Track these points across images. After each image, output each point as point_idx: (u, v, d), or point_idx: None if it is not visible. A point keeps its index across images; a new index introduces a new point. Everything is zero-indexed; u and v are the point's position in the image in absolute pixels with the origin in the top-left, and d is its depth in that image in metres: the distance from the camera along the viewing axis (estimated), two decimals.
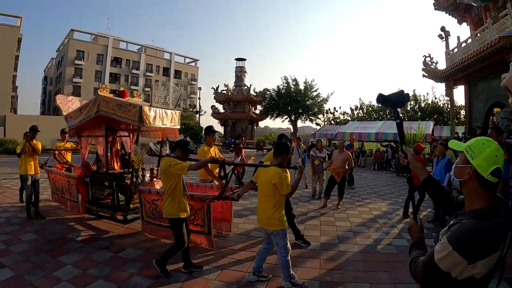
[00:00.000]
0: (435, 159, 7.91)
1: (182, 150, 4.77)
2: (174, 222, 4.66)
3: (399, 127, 2.07)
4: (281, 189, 4.19)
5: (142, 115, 5.76)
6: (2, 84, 45.11)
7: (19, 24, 48.86)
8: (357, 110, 42.77)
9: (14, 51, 48.10)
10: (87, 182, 7.11)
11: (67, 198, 7.69)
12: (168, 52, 74.22)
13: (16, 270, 4.63)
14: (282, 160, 4.44)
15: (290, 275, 4.24)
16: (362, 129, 23.18)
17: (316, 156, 10.49)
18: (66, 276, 4.49)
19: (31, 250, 5.44)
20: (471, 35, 14.88)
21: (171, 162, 4.54)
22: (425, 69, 18.40)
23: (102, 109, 6.27)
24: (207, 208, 5.36)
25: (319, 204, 9.29)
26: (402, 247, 5.85)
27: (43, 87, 75.78)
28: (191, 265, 4.77)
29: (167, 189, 4.66)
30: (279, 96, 44.41)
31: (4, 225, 6.78)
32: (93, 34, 63.22)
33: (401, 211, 8.56)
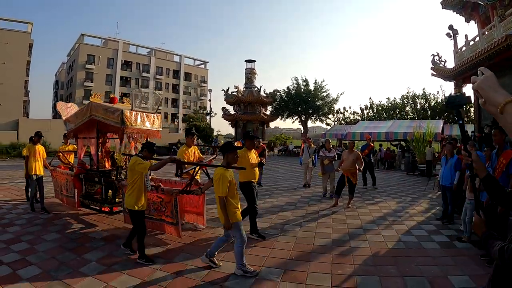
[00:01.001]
0: (443, 158, 7.99)
1: (149, 151, 5.53)
2: (131, 213, 5.36)
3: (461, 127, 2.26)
4: (216, 189, 4.66)
5: (124, 118, 6.57)
6: (14, 89, 45.94)
7: (30, 30, 49.73)
8: (367, 110, 42.71)
9: (26, 57, 48.90)
10: (81, 178, 7.86)
11: (64, 194, 8.61)
12: (178, 55, 74.68)
13: (42, 267, 4.91)
14: (229, 160, 4.89)
15: (242, 264, 4.69)
16: (372, 129, 23.19)
17: (326, 156, 10.71)
18: (92, 272, 4.78)
19: (55, 249, 5.75)
20: (479, 34, 14.86)
21: (136, 160, 5.23)
22: (433, 68, 18.41)
23: (93, 114, 7.15)
24: (174, 201, 5.91)
25: (330, 203, 9.51)
26: (410, 243, 6.07)
27: (55, 91, 76.65)
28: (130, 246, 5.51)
29: (130, 183, 5.31)
30: (289, 97, 44.31)
31: (26, 225, 7.16)
32: (103, 38, 63.81)
33: (410, 210, 8.76)
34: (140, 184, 5.33)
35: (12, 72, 45.41)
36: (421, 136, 18.27)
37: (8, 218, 7.77)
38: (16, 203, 9.29)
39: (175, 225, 6.03)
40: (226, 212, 4.62)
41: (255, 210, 6.46)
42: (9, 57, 45.36)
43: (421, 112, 37.31)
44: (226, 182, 4.64)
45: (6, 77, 44.95)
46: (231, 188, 4.74)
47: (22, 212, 8.37)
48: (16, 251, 5.59)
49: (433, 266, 4.95)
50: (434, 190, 11.76)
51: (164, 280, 4.52)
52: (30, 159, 8.37)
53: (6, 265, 4.97)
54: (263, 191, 11.70)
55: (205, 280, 4.52)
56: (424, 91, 38.84)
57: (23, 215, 8.06)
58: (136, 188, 5.29)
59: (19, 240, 6.14)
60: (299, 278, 4.57)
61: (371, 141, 13.73)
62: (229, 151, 4.92)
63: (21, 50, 47.23)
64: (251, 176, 6.47)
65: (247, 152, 6.46)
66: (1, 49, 45.74)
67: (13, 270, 4.77)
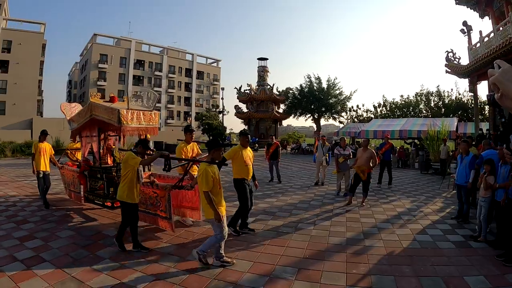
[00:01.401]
0: (459, 156, 7.88)
1: (143, 147, 5.87)
2: (122, 204, 5.72)
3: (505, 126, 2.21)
4: (200, 185, 4.80)
5: (120, 117, 6.79)
6: (28, 89, 46.66)
7: (43, 31, 50.42)
8: (380, 108, 42.23)
9: (39, 57, 49.61)
10: (86, 175, 8.31)
11: (72, 190, 9.06)
12: (190, 54, 74.93)
13: (56, 264, 4.99)
14: (214, 156, 5.04)
15: (203, 251, 4.87)
16: (386, 127, 22.94)
17: (340, 154, 10.65)
18: (105, 269, 4.84)
19: (69, 246, 5.84)
20: (493, 30, 14.65)
21: (130, 155, 5.65)
22: (448, 64, 18.22)
23: (93, 113, 7.50)
24: (168, 196, 6.15)
25: (344, 201, 9.48)
26: (425, 242, 6.02)
27: (68, 91, 77.47)
28: (139, 245, 5.62)
29: (122, 176, 5.65)
30: (302, 95, 44.20)
31: (40, 222, 7.29)
32: (116, 38, 64.38)
33: (425, 209, 8.71)
34: (132, 177, 5.62)
35: (26, 72, 46.11)
36: (435, 134, 18.03)
37: (22, 215, 7.91)
38: (30, 200, 9.46)
39: (168, 220, 6.28)
40: (214, 206, 4.71)
41: (247, 207, 6.60)
42: (23, 57, 46.08)
43: (435, 110, 36.75)
44: (209, 177, 4.75)
45: (20, 77, 45.66)
46: (214, 184, 4.84)
47: (36, 209, 8.50)
48: (30, 248, 5.69)
49: (449, 266, 4.90)
50: (449, 189, 11.63)
51: (178, 278, 4.55)
52: (37, 156, 8.85)
53: (20, 261, 5.06)
54: (277, 189, 11.74)
55: (218, 278, 4.54)
56: (438, 89, 38.29)
57: (37, 212, 8.20)
58: (128, 181, 5.59)
59: (33, 237, 6.24)
60: (313, 277, 4.57)
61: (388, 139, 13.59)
62: (215, 147, 5.05)
63: (35, 50, 47.95)
64: (244, 174, 6.55)
65: (241, 149, 6.57)
66: (15, 49, 46.55)
67: (27, 267, 4.85)
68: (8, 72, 46.19)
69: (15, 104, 45.75)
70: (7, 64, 46.29)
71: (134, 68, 64.62)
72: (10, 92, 45.97)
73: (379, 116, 39.64)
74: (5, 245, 5.78)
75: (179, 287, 4.31)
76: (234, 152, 6.50)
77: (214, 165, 5.02)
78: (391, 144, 13.58)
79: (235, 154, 6.48)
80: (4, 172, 16.26)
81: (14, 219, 7.51)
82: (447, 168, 13.91)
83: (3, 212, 8.15)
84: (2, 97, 45.98)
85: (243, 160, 6.47)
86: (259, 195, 10.49)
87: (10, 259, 5.15)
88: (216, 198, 4.85)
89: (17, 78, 45.73)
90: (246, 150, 6.66)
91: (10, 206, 8.85)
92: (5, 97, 46.04)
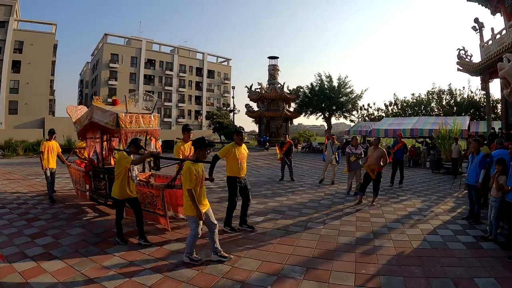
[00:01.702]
0: (470, 155, 7.77)
1: (135, 146, 6.12)
2: (115, 201, 6.01)
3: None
4: (183, 182, 4.90)
5: (119, 121, 7.05)
6: (40, 89, 47.41)
7: (54, 31, 51.11)
8: (391, 106, 41.93)
9: (51, 57, 50.39)
10: (90, 175, 8.59)
11: (78, 188, 9.35)
12: (201, 53, 75.16)
13: (66, 261, 5.06)
14: (198, 155, 5.11)
15: (189, 253, 5.00)
16: (397, 125, 22.76)
17: (352, 152, 10.57)
18: (114, 266, 4.89)
19: (79, 243, 5.91)
20: (505, 27, 14.43)
21: (121, 155, 5.90)
22: (459, 62, 18.02)
23: (93, 117, 7.77)
24: (162, 195, 6.36)
25: (354, 200, 9.43)
26: (435, 243, 5.95)
27: (80, 90, 78.24)
28: (143, 237, 5.90)
29: (116, 175, 5.86)
30: (313, 94, 44.12)
31: (51, 220, 7.39)
32: (127, 37, 64.84)
33: (435, 208, 8.63)
34: (124, 176, 5.83)
35: (38, 72, 46.87)
36: (446, 133, 17.84)
37: (33, 213, 8.01)
38: (41, 198, 9.57)
39: (164, 217, 6.51)
40: (196, 204, 4.78)
41: (234, 204, 6.64)
42: (34, 57, 46.80)
43: (447, 109, 36.37)
44: (192, 175, 4.84)
45: (32, 77, 46.39)
46: (196, 182, 4.91)
47: (47, 207, 8.61)
48: (41, 244, 5.76)
49: (459, 267, 4.84)
50: (460, 188, 11.50)
51: (186, 276, 4.57)
52: (45, 155, 9.23)
53: (31, 258, 5.13)
54: (287, 188, 11.72)
55: (226, 277, 4.54)
56: (450, 87, 37.93)
57: (48, 210, 8.30)
58: (121, 180, 5.82)
59: (43, 235, 6.33)
60: (321, 276, 4.54)
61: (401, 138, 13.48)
62: (200, 147, 5.12)
63: (46, 51, 48.72)
64: (237, 171, 6.58)
65: (235, 147, 6.58)
66: (27, 50, 47.25)
67: (37, 264, 4.91)
68: (20, 72, 46.97)
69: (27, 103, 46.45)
70: (19, 64, 47.03)
71: (145, 68, 65.05)
72: (22, 92, 46.67)
73: (390, 115, 39.37)
74: (16, 242, 5.86)
75: (187, 285, 4.32)
76: (226, 150, 6.53)
77: (198, 163, 5.09)
78: (404, 143, 13.46)
79: (228, 152, 6.52)
80: (16, 170, 16.50)
81: (25, 217, 7.61)
82: (459, 168, 13.76)
83: (14, 210, 8.25)
84: (15, 97, 46.69)
85: (236, 158, 6.51)
86: (269, 194, 10.50)
87: (20, 256, 5.22)
88: (197, 196, 4.89)
89: (29, 78, 46.41)
90: (240, 148, 6.68)
91: (21, 204, 8.95)
92: (17, 97, 46.77)
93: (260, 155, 27.50)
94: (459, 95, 36.92)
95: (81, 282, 4.36)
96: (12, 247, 5.61)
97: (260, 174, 15.67)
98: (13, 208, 8.41)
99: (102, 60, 60.21)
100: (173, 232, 6.52)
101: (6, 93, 45.97)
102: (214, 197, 9.73)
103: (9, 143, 27.49)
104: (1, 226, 6.88)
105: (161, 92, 67.45)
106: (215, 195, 10.13)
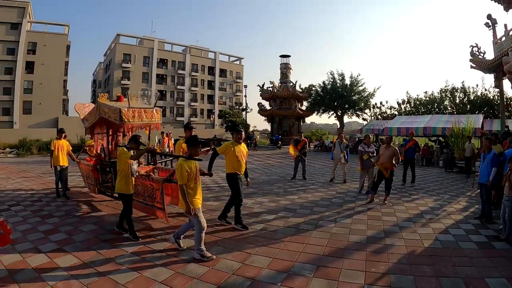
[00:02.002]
0: (482, 154, 7.67)
1: (135, 142, 6.40)
2: (120, 195, 6.28)
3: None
4: (178, 179, 5.10)
5: (122, 115, 7.31)
6: (54, 89, 48.27)
7: (67, 32, 51.89)
8: (404, 104, 41.47)
9: (64, 57, 51.27)
10: (98, 169, 8.97)
11: (89, 182, 9.54)
12: (213, 52, 75.37)
13: (78, 256, 5.16)
14: (191, 152, 5.29)
15: (199, 249, 5.09)
16: (410, 124, 22.55)
17: (365, 151, 10.51)
18: (126, 262, 4.97)
19: (91, 240, 6.01)
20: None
21: (121, 151, 6.24)
22: (472, 59, 17.77)
23: (101, 113, 8.04)
24: (161, 188, 6.47)
25: (366, 199, 9.40)
26: (447, 242, 5.90)
27: (93, 90, 79.05)
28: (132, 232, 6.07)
29: (118, 171, 6.18)
30: (325, 92, 43.99)
31: (64, 217, 7.53)
32: (139, 37, 65.34)
33: (448, 208, 8.55)
34: (127, 171, 6.14)
35: (51, 72, 47.70)
36: (460, 131, 17.63)
37: (47, 210, 8.17)
38: (55, 196, 9.67)
39: (163, 210, 6.57)
40: (186, 199, 4.97)
41: (239, 201, 6.75)
42: (47, 58, 47.64)
43: (460, 107, 35.83)
44: (184, 171, 5.01)
45: (46, 77, 47.18)
46: (189, 178, 5.09)
47: (61, 204, 8.77)
48: (54, 241, 5.89)
49: (470, 267, 4.80)
50: (473, 187, 11.38)
51: (197, 272, 4.61)
52: (55, 153, 9.45)
53: (44, 254, 5.24)
54: (298, 187, 11.71)
55: (237, 274, 4.58)
56: (463, 85, 37.34)
57: (62, 207, 8.45)
58: (124, 175, 6.13)
59: (57, 231, 6.45)
60: (331, 274, 4.55)
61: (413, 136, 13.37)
62: (193, 144, 5.30)
63: (59, 51, 49.61)
64: (237, 168, 6.73)
65: (234, 145, 6.75)
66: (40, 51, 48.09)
67: (50, 259, 5.03)
68: (34, 73, 47.92)
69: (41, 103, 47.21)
70: (32, 65, 47.92)
71: (157, 67, 65.49)
72: (36, 92, 47.52)
73: (403, 113, 39.00)
74: (30, 238, 5.99)
75: (198, 281, 4.36)
76: (226, 147, 6.72)
77: (191, 160, 5.24)
78: (416, 142, 13.33)
79: (227, 149, 6.69)
80: (31, 169, 16.71)
81: (39, 214, 7.76)
82: (472, 166, 13.61)
83: (29, 207, 8.41)
84: (29, 97, 47.57)
85: (235, 155, 6.65)
86: (281, 192, 10.52)
87: (34, 251, 5.35)
88: (192, 191, 5.12)
89: (42, 79, 47.20)
90: (240, 146, 6.83)
91: (36, 201, 9.12)
92: (31, 97, 47.63)
93: (273, 154, 27.54)
94: (473, 93, 36.35)
95: (93, 277, 4.44)
96: (26, 243, 5.73)
97: (272, 173, 15.66)
98: (28, 206, 8.57)
99: (115, 60, 60.77)
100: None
101: (20, 94, 46.85)
102: (209, 196, 9.79)
103: (24, 142, 27.84)
104: (16, 222, 7.02)
105: (173, 92, 67.87)
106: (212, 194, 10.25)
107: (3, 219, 3.43)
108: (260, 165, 19.38)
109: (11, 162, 20.25)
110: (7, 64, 46.60)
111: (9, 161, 20.99)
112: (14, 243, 5.50)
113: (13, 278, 4.36)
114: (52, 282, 4.27)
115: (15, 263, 4.82)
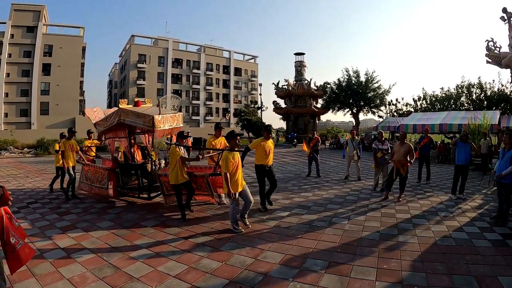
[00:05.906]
0: (501, 150, 7.33)
1: (180, 137, 7.58)
2: (173, 186, 7.27)
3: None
4: (222, 167, 6.11)
5: (155, 122, 7.93)
6: (71, 90, 49.27)
7: (82, 34, 52.71)
8: (420, 101, 40.99)
9: (80, 59, 52.20)
10: (117, 172, 9.06)
11: (97, 186, 9.36)
12: (227, 51, 75.65)
13: (95, 252, 5.33)
14: (232, 144, 6.30)
15: (233, 222, 6.33)
16: (425, 121, 22.32)
17: (379, 148, 10.44)
18: (141, 257, 5.11)
19: (108, 235, 6.19)
20: None
21: (173, 148, 7.16)
22: (488, 54, 17.49)
23: (123, 118, 8.37)
24: (206, 181, 7.75)
25: (381, 196, 9.36)
26: (461, 240, 5.84)
27: (109, 90, 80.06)
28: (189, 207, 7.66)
29: (171, 164, 7.14)
30: (340, 89, 43.75)
31: (81, 214, 7.75)
32: (153, 38, 65.92)
33: (463, 205, 8.44)
34: (179, 164, 7.07)
35: (68, 74, 48.66)
36: (476, 128, 17.39)
37: (64, 207, 8.41)
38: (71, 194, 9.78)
39: (211, 196, 7.96)
40: (228, 184, 6.01)
41: (262, 186, 8.16)
42: (64, 60, 48.58)
43: (477, 103, 35.25)
44: (229, 161, 6.04)
45: (62, 79, 48.10)
46: (233, 166, 6.13)
47: (78, 201, 9.01)
48: (72, 237, 6.05)
49: (483, 265, 4.75)
50: (489, 185, 11.23)
51: (210, 267, 4.70)
52: (66, 153, 9.52)
53: (62, 249, 5.42)
54: (313, 184, 11.73)
55: (249, 269, 4.64)
56: (480, 80, 36.69)
57: (79, 204, 8.67)
58: (176, 167, 7.06)
59: (74, 227, 6.64)
60: (343, 271, 4.56)
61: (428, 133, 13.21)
62: (231, 138, 6.32)
63: (75, 53, 50.60)
64: (264, 161, 7.98)
65: (264, 141, 8.00)
66: (56, 53, 49.01)
67: (68, 254, 5.20)
68: (51, 75, 48.93)
69: (58, 104, 48.10)
70: (49, 67, 48.88)
71: (172, 67, 65.99)
72: (53, 93, 48.43)
73: (419, 110, 38.61)
74: (48, 234, 6.18)
75: (211, 276, 4.44)
76: (256, 143, 7.98)
77: (234, 152, 6.22)
78: (430, 138, 13.15)
79: (257, 145, 7.95)
80: (49, 168, 17.08)
81: (57, 211, 7.98)
82: (489, 164, 13.41)
83: (47, 204, 8.65)
84: (46, 98, 48.53)
85: (263, 150, 7.91)
86: (295, 189, 10.55)
87: (52, 247, 5.53)
88: (234, 178, 6.16)
89: (59, 80, 48.12)
90: (268, 142, 8.04)
91: (53, 199, 9.38)
92: (49, 98, 48.59)
93: (288, 152, 27.57)
94: (489, 89, 35.76)
95: (109, 271, 4.57)
96: (44, 239, 5.91)
97: (287, 171, 15.69)
98: (46, 203, 8.81)
99: (130, 60, 61.37)
100: (199, 226, 6.72)
101: (37, 95, 47.81)
102: None
103: (41, 142, 28.47)
104: (34, 219, 7.22)
105: (189, 91, 68.27)
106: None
107: None
108: (275, 162, 19.31)
109: (29, 162, 20.74)
110: (24, 66, 47.68)
111: (28, 161, 21.48)
112: (32, 239, 5.71)
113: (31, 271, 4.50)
114: (69, 276, 4.41)
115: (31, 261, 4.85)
